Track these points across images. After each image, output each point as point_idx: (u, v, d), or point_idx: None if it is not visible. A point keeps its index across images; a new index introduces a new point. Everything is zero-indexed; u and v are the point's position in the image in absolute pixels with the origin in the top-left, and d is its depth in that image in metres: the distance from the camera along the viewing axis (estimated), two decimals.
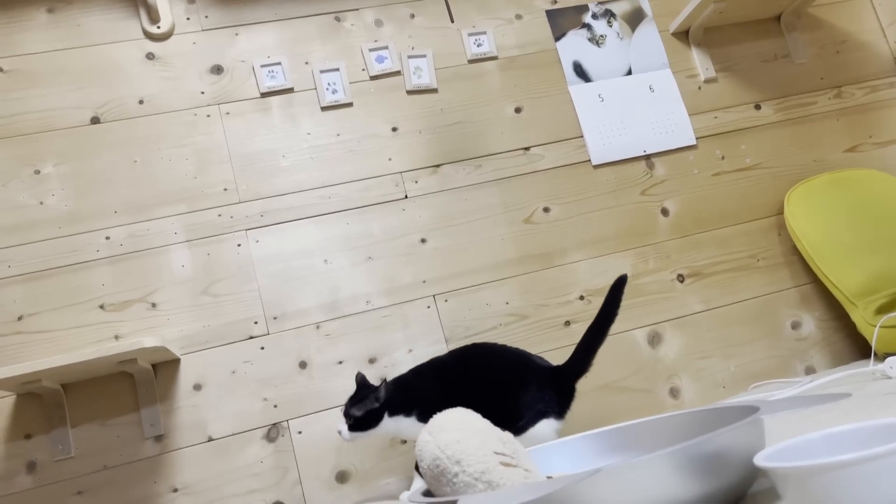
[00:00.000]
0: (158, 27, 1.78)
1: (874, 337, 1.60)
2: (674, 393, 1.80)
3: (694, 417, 0.89)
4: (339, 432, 1.40)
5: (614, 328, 1.79)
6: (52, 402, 1.55)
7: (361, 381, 1.46)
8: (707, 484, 0.66)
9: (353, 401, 1.41)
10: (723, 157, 2.00)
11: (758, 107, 2.05)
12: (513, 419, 1.33)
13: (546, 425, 1.37)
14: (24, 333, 1.59)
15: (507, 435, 0.76)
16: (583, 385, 1.72)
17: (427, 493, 0.79)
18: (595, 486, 0.62)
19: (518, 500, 0.58)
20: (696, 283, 1.89)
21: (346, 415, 1.40)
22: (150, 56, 1.78)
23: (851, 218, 1.90)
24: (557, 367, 1.46)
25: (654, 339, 1.83)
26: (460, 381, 1.43)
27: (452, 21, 1.75)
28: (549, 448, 0.97)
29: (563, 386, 1.43)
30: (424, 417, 1.37)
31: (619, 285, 1.46)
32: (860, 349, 1.90)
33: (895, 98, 2.13)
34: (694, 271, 1.90)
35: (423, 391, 1.41)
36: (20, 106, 1.70)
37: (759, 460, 0.62)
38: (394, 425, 1.40)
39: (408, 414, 1.40)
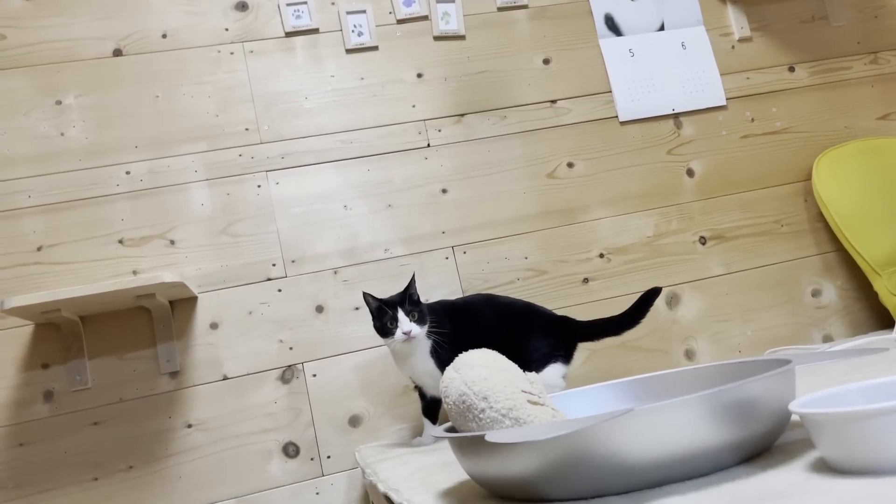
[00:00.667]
0: None
1: None
2: (689, 355, 1.79)
3: (721, 370, 0.87)
4: (408, 333, 1.31)
5: (633, 287, 1.79)
6: (70, 333, 1.56)
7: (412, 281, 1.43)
8: (737, 431, 0.65)
9: (404, 297, 1.37)
10: (752, 120, 1.95)
11: (791, 69, 2.00)
12: (520, 362, 1.33)
13: (554, 370, 1.38)
14: (44, 264, 1.59)
15: (534, 375, 0.75)
16: (599, 342, 1.72)
17: (451, 430, 0.79)
18: (626, 426, 0.62)
19: (547, 435, 0.57)
20: (717, 245, 1.87)
21: (408, 312, 1.34)
22: None
23: (880, 187, 1.86)
24: (565, 317, 1.47)
25: (672, 301, 1.82)
26: (469, 322, 1.42)
27: None
28: (569, 395, 0.96)
29: (568, 335, 1.43)
30: (437, 352, 1.37)
31: (650, 297, 1.46)
32: (880, 319, 1.88)
33: None
34: (716, 234, 1.88)
35: (436, 323, 1.39)
36: (43, 34, 1.68)
37: (795, 407, 0.61)
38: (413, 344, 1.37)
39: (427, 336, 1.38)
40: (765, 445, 0.69)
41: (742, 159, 1.93)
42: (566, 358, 1.41)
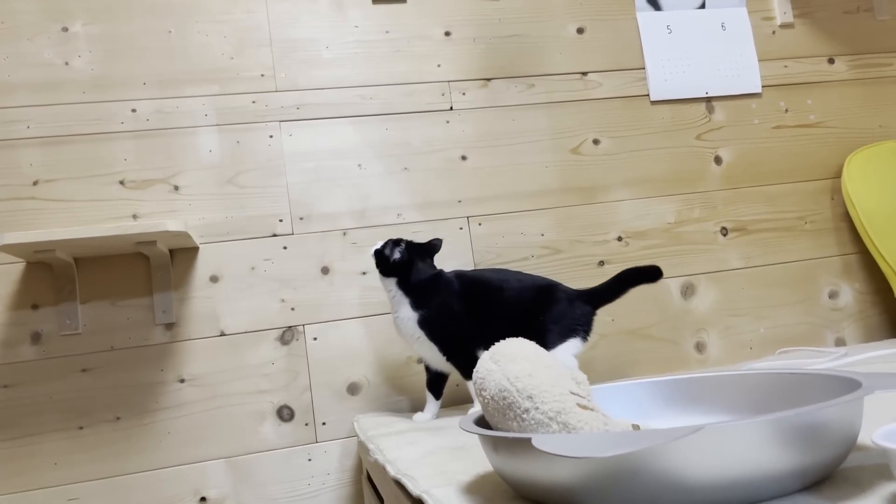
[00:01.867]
0: None
1: None
2: (699, 347, 1.75)
3: (770, 381, 0.82)
4: (387, 248, 1.36)
5: None
6: (63, 274, 1.48)
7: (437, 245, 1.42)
8: (804, 456, 0.59)
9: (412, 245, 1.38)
10: (786, 110, 1.88)
11: (831, 61, 1.92)
12: (538, 334, 1.27)
13: (572, 345, 1.31)
14: (39, 199, 1.51)
15: (581, 374, 0.69)
16: (607, 328, 1.67)
17: (480, 422, 0.73)
18: (691, 444, 0.56)
19: (611, 452, 0.51)
20: (739, 237, 1.81)
21: (398, 242, 1.36)
22: None
23: None
24: (582, 291, 1.40)
25: (688, 291, 1.76)
26: (485, 295, 1.36)
27: None
28: (598, 391, 0.90)
29: (587, 306, 1.37)
30: (428, 323, 1.33)
31: (637, 277, 1.39)
32: (894, 328, 1.83)
33: None
34: (739, 226, 1.82)
35: (443, 298, 1.33)
36: None
37: (880, 440, 0.55)
38: (395, 302, 1.36)
39: (415, 307, 1.34)
40: (828, 472, 0.64)
41: (772, 150, 1.86)
42: (586, 333, 1.34)
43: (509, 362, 0.66)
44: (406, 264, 1.36)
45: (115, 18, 1.58)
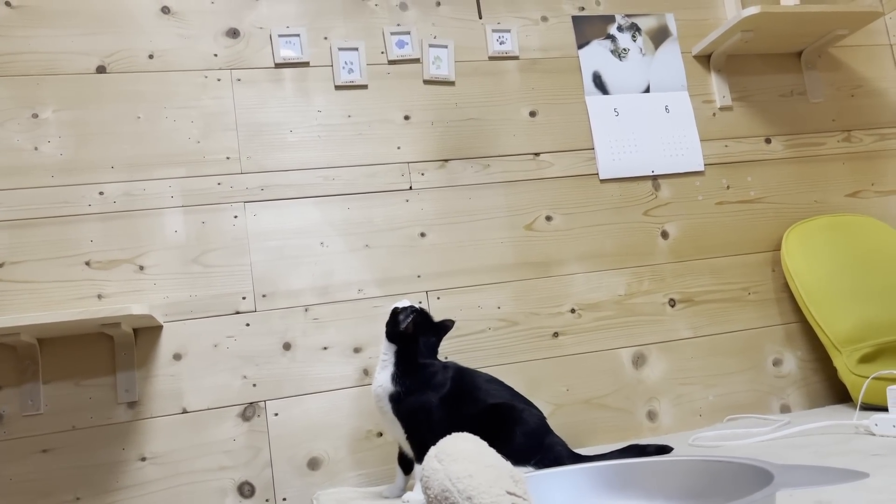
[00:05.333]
0: None
1: (863, 389, 1.61)
2: (651, 416, 1.81)
3: (692, 466, 0.88)
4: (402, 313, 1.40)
5: (602, 345, 1.80)
6: (27, 355, 1.50)
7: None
8: None
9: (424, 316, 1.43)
10: (728, 187, 2.00)
11: (768, 140, 2.05)
12: (508, 443, 1.30)
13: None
14: (5, 281, 1.54)
15: (518, 472, 0.74)
16: (563, 397, 1.73)
17: None
18: None
19: None
20: (686, 308, 1.90)
21: (413, 312, 1.40)
22: (165, 10, 1.72)
23: (845, 264, 1.91)
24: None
25: (639, 360, 1.84)
26: (469, 397, 1.40)
27: (480, 17, 1.72)
28: (543, 477, 0.96)
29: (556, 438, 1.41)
30: (397, 400, 1.37)
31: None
32: (837, 393, 1.92)
33: None
34: (686, 297, 1.90)
35: (424, 389, 1.38)
36: (25, 45, 1.63)
37: None
38: (382, 364, 1.40)
39: (394, 380, 1.38)
40: None
41: (716, 225, 1.96)
42: (539, 465, 1.33)
43: (452, 462, 0.71)
44: (410, 338, 1.39)
45: (86, 105, 1.64)
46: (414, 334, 1.39)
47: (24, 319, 1.33)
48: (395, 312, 1.41)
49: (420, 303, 1.70)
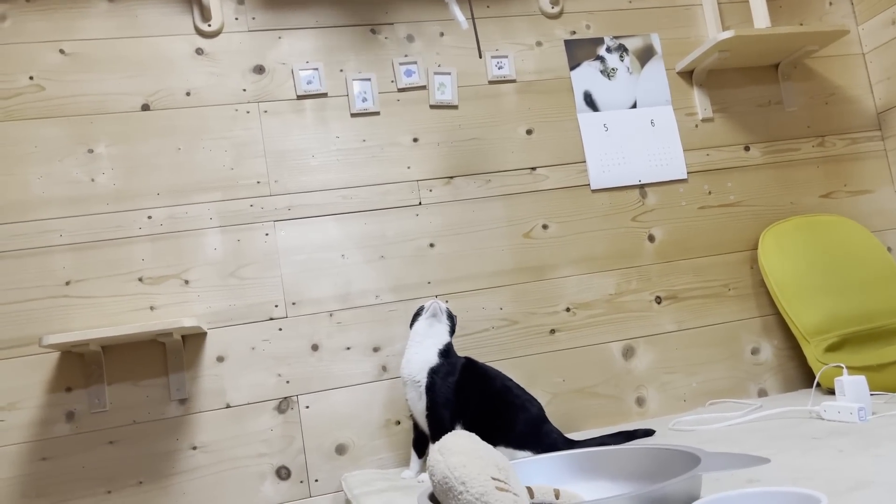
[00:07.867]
0: (209, 25, 1.93)
1: (817, 378, 1.82)
2: (639, 402, 2.03)
3: (646, 453, 1.10)
4: (437, 307, 1.70)
5: (594, 339, 2.02)
6: (93, 361, 1.75)
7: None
8: None
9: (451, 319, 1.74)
10: (710, 193, 2.19)
11: (747, 148, 2.24)
12: (511, 430, 1.56)
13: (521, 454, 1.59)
14: (71, 297, 1.78)
15: (504, 461, 0.97)
16: (558, 387, 1.95)
17: (432, 497, 1.01)
18: None
19: None
20: (671, 305, 2.11)
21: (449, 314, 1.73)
22: (199, 51, 1.94)
23: (815, 261, 2.11)
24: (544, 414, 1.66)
25: (628, 353, 2.05)
26: (483, 387, 1.65)
27: (480, 57, 1.92)
28: (528, 463, 1.18)
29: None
30: (436, 373, 1.63)
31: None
32: (808, 378, 2.13)
33: (872, 151, 2.32)
34: (671, 294, 2.11)
35: (455, 368, 1.65)
36: (78, 88, 1.86)
37: None
38: (426, 344, 1.68)
39: (441, 355, 1.65)
40: None
41: (698, 228, 2.17)
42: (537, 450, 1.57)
43: (451, 455, 0.94)
44: (452, 330, 1.73)
45: (133, 139, 1.87)
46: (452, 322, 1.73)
47: (93, 333, 1.57)
48: (451, 313, 1.74)
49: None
